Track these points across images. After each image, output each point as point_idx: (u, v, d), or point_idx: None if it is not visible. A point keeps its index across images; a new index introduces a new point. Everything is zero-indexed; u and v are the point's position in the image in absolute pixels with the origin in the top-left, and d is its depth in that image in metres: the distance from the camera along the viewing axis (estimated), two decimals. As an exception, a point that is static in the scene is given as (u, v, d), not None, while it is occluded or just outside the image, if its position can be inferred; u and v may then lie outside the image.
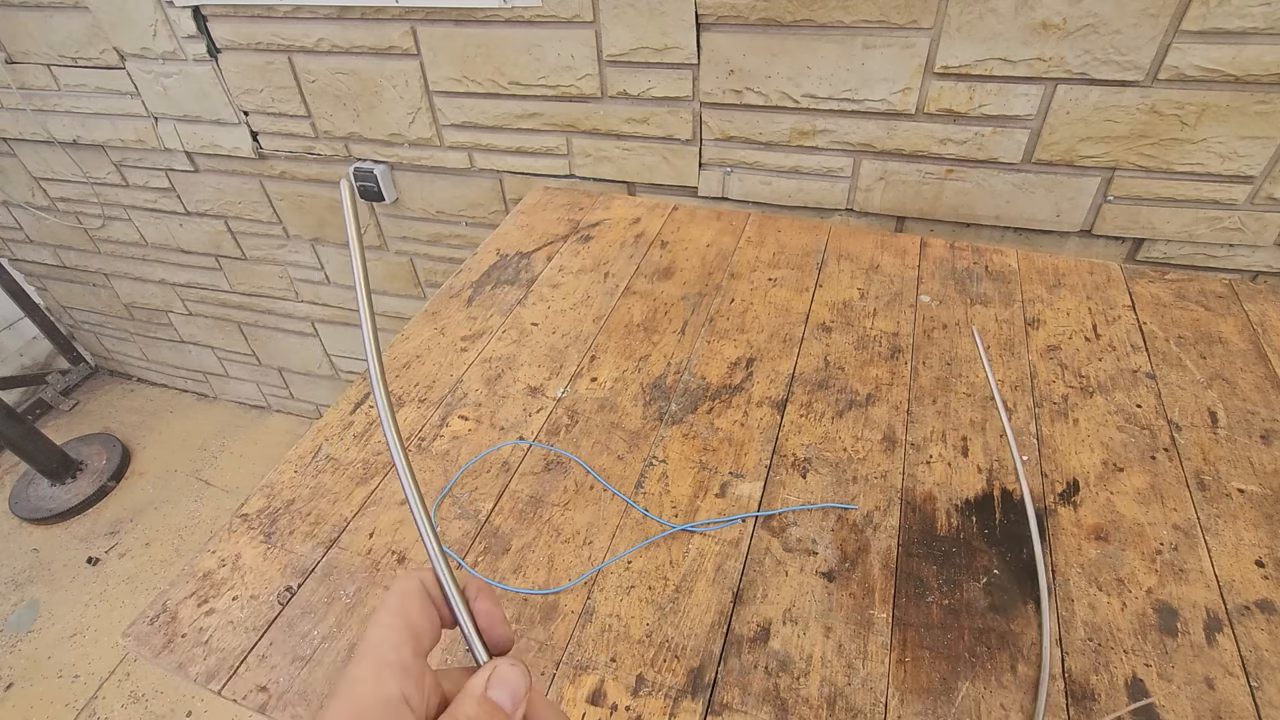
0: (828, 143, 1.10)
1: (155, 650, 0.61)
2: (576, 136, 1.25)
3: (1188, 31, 0.86)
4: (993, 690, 0.55)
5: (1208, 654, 0.56)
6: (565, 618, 0.62)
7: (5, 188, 1.98)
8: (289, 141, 1.49)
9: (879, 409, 0.79)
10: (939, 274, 0.98)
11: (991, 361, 0.83)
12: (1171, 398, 0.78)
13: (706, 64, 1.08)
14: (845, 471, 0.72)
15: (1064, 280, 0.96)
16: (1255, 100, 0.88)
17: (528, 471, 0.75)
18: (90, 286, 2.24)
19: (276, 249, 1.79)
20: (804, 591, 0.62)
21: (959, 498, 0.69)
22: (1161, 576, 0.62)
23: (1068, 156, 1.00)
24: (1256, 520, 0.66)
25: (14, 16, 1.47)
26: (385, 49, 1.25)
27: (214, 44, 1.37)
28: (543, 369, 0.87)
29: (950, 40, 0.95)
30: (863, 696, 0.55)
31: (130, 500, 2.17)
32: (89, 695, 1.67)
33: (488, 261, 1.07)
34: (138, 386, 2.60)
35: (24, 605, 1.89)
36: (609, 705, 0.56)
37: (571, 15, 1.09)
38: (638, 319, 0.94)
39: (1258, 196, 0.96)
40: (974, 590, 0.62)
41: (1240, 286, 0.93)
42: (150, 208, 1.83)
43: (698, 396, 0.82)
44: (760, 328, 0.91)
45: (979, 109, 0.99)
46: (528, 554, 0.67)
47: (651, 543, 0.67)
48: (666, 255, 1.06)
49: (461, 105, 1.28)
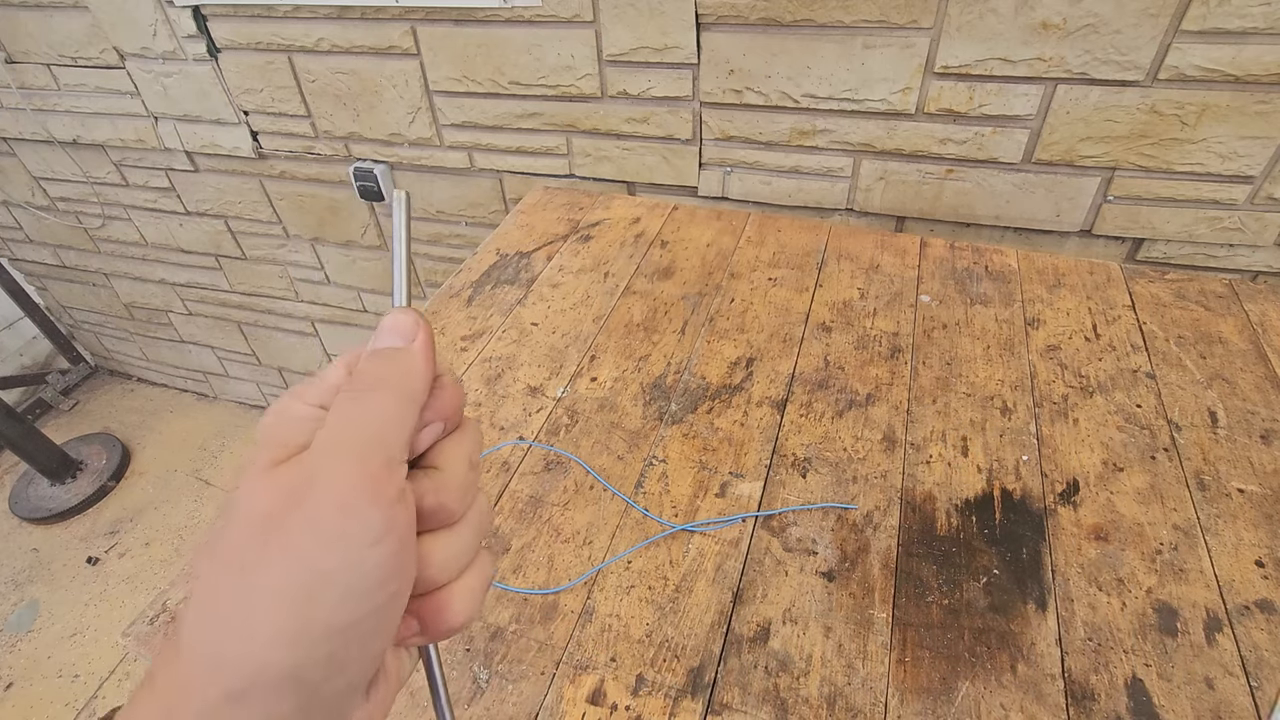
0: (828, 143, 1.10)
1: (155, 650, 0.61)
2: (576, 136, 1.25)
3: (1188, 31, 0.86)
4: (993, 690, 0.55)
5: (1208, 654, 0.56)
6: (565, 618, 0.62)
7: (5, 188, 1.98)
8: (289, 141, 1.49)
9: (879, 409, 0.79)
10: (939, 274, 0.98)
11: (991, 359, 0.83)
12: (1171, 398, 0.78)
13: (706, 64, 1.08)
14: (845, 471, 0.72)
15: (1064, 280, 0.96)
16: (1255, 100, 0.88)
17: (528, 471, 0.75)
18: (90, 286, 2.24)
19: (276, 249, 1.79)
20: (804, 591, 0.62)
21: (959, 498, 0.69)
22: (1161, 576, 0.62)
23: (1068, 156, 1.00)
24: (1256, 520, 0.66)
25: (14, 16, 1.47)
26: (385, 49, 1.25)
27: (214, 44, 1.36)
28: (543, 369, 0.87)
29: (950, 40, 0.95)
30: (863, 696, 0.55)
31: (130, 500, 2.17)
32: (89, 695, 1.67)
33: (488, 261, 1.07)
34: (138, 386, 2.60)
35: (24, 605, 1.89)
36: (609, 705, 0.56)
37: (571, 15, 1.09)
38: (638, 319, 0.94)
39: (1258, 196, 0.96)
40: (974, 590, 0.62)
41: (1240, 286, 0.93)
42: (150, 207, 1.83)
43: (698, 396, 0.82)
44: (760, 327, 0.91)
45: (979, 109, 0.99)
46: (528, 554, 0.67)
47: (651, 542, 0.67)
48: (666, 255, 1.06)
49: (461, 105, 1.28)
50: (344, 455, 0.21)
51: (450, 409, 0.25)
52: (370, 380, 0.23)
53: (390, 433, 0.22)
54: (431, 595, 0.24)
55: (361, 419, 0.22)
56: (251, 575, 0.19)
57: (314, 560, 0.19)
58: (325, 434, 0.22)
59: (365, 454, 0.21)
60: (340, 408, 0.22)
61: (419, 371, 0.24)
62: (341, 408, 0.22)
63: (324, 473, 0.20)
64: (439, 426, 0.25)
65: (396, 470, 0.22)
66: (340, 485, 0.20)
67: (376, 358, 0.24)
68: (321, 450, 0.21)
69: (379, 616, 0.21)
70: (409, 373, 0.23)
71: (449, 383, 0.25)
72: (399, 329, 0.24)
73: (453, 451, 0.25)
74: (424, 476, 0.24)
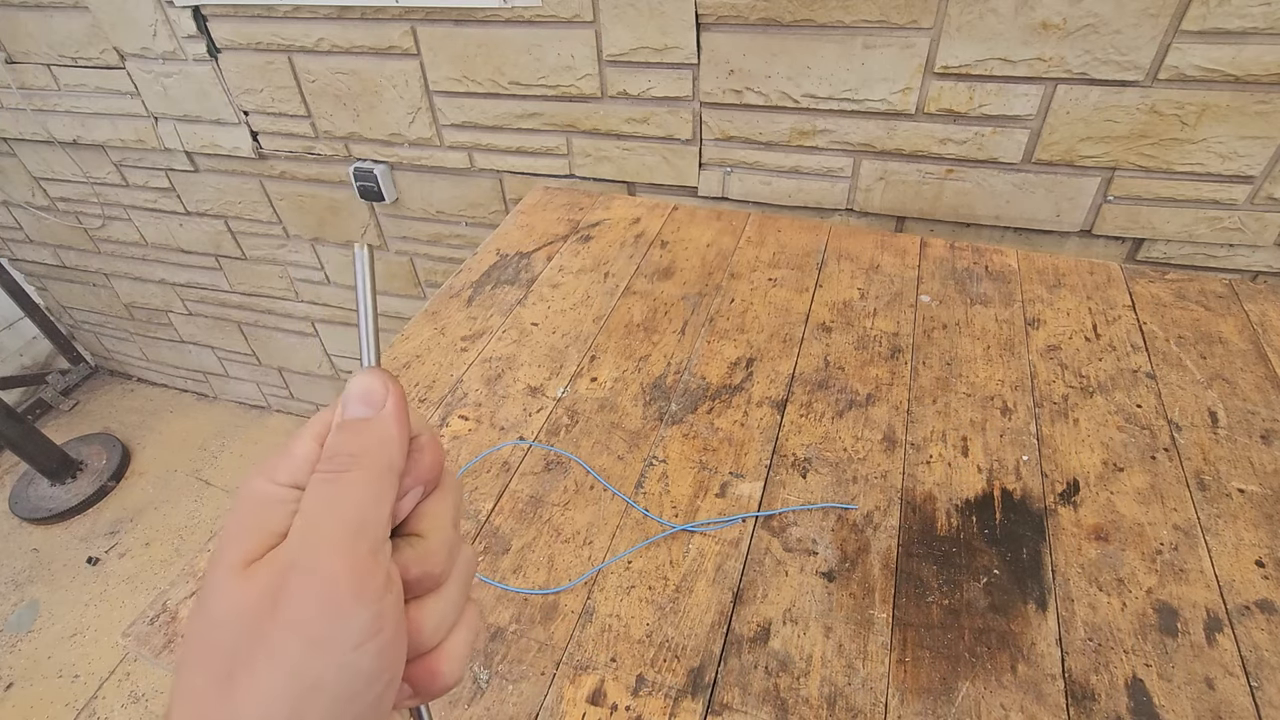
0: (828, 143, 1.10)
1: (155, 650, 0.61)
2: (576, 136, 1.25)
3: (1188, 31, 0.86)
4: (993, 690, 0.55)
5: (1208, 654, 0.56)
6: (565, 618, 0.62)
7: (5, 188, 1.98)
8: (289, 141, 1.49)
9: (879, 409, 0.79)
10: (939, 274, 0.98)
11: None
12: (1171, 398, 0.78)
13: (706, 64, 1.08)
14: (845, 471, 0.72)
15: (1064, 280, 0.96)
16: (1255, 100, 0.88)
17: (528, 471, 0.75)
18: (90, 286, 2.24)
19: (276, 249, 1.79)
20: (804, 591, 0.62)
21: (959, 498, 0.69)
22: (1161, 576, 0.62)
23: (1068, 156, 1.00)
24: (1256, 520, 0.66)
25: (14, 16, 1.47)
26: (385, 49, 1.25)
27: (214, 44, 1.36)
28: (543, 369, 0.87)
29: (950, 40, 0.95)
30: (863, 696, 0.55)
31: (130, 500, 2.17)
32: (89, 695, 1.67)
33: (488, 261, 1.07)
34: (138, 386, 2.60)
35: (24, 605, 1.89)
36: (609, 705, 0.56)
37: (571, 15, 1.09)
38: (638, 319, 0.94)
39: (1258, 196, 0.96)
40: (974, 590, 0.62)
41: (1240, 286, 0.93)
42: (150, 208, 1.83)
43: (698, 396, 0.82)
44: (760, 328, 0.91)
45: (979, 109, 0.99)
46: (528, 554, 0.67)
47: (651, 543, 0.67)
48: (666, 255, 1.06)
49: (461, 105, 1.28)
50: (324, 550, 0.20)
51: (430, 472, 0.24)
52: (343, 459, 0.22)
53: (370, 516, 0.21)
54: (422, 659, 0.23)
55: (339, 505, 0.21)
56: (236, 687, 0.19)
57: (301, 669, 0.19)
58: (301, 525, 0.20)
59: (346, 546, 0.20)
60: (315, 494, 0.21)
61: (394, 441, 0.23)
62: (316, 494, 0.21)
63: (304, 571, 0.19)
64: (419, 490, 0.24)
65: (380, 556, 0.21)
66: (323, 585, 0.19)
67: (348, 432, 0.23)
68: (299, 545, 0.20)
69: (372, 708, 0.20)
70: (384, 444, 0.22)
71: (426, 442, 0.24)
72: (368, 396, 0.23)
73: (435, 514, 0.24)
74: (407, 547, 0.23)
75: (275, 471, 0.22)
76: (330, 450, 0.22)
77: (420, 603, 0.23)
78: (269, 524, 0.21)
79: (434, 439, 0.25)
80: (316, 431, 0.23)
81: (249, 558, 0.20)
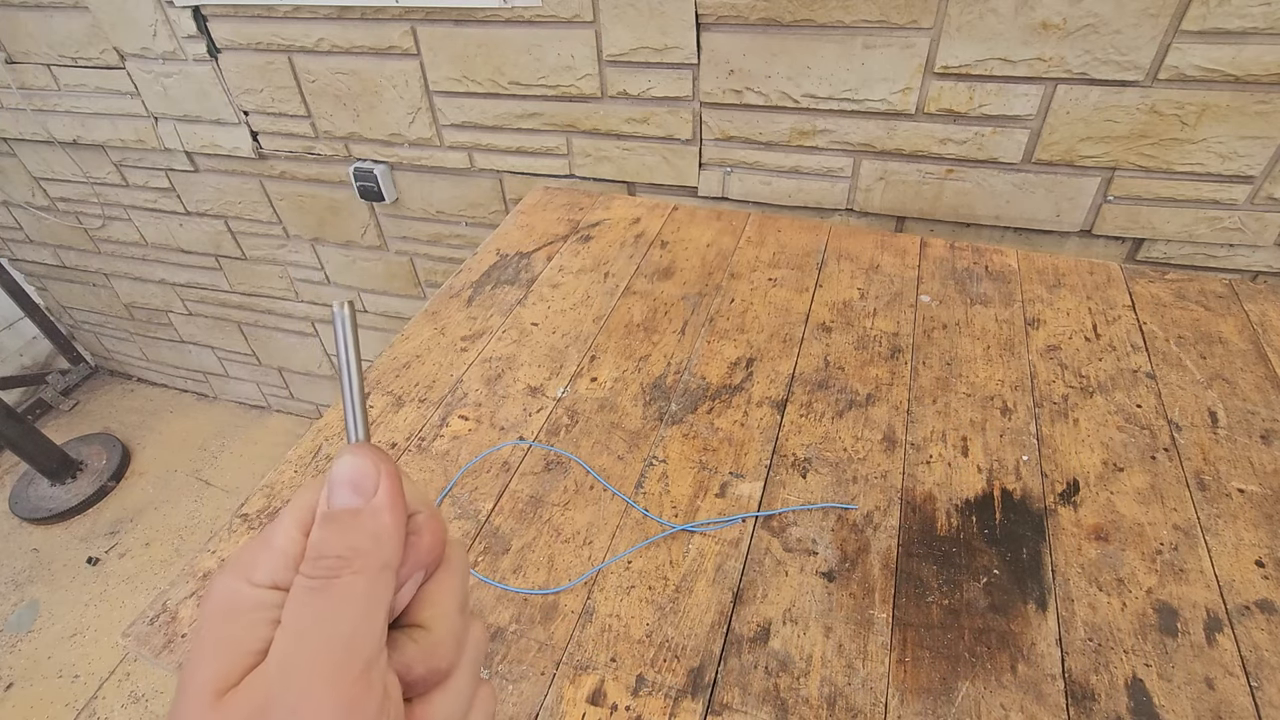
0: (828, 143, 1.10)
1: (155, 650, 0.61)
2: (576, 136, 1.25)
3: (1188, 31, 0.86)
4: (993, 690, 0.55)
5: (1208, 654, 0.56)
6: (565, 618, 0.62)
7: (5, 188, 1.98)
8: (289, 141, 1.49)
9: (879, 409, 0.79)
10: (939, 274, 0.98)
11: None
12: (1171, 398, 0.78)
13: (706, 64, 1.08)
14: (845, 471, 0.72)
15: (1064, 280, 0.96)
16: (1255, 100, 0.88)
17: (528, 471, 0.75)
18: (90, 286, 2.24)
19: (276, 249, 1.79)
20: (804, 591, 0.62)
21: (959, 498, 0.69)
22: (1161, 576, 0.62)
23: (1068, 156, 1.00)
24: (1256, 520, 0.66)
25: (14, 16, 1.47)
26: (385, 49, 1.25)
27: (214, 44, 1.36)
28: (543, 369, 0.87)
29: (950, 40, 0.95)
30: (863, 696, 0.55)
31: (130, 500, 2.17)
32: (89, 695, 1.67)
33: (488, 261, 1.07)
34: (138, 386, 2.60)
35: (24, 605, 1.89)
36: (609, 705, 0.56)
37: (571, 15, 1.09)
38: (638, 319, 0.94)
39: (1258, 196, 0.96)
40: (974, 590, 0.62)
41: (1240, 286, 0.93)
42: (150, 208, 1.83)
43: (698, 396, 0.82)
44: (760, 328, 0.91)
45: (979, 109, 0.99)
46: (528, 554, 0.67)
47: (651, 543, 0.67)
48: (666, 255, 1.06)
49: (461, 105, 1.28)
50: (309, 680, 0.17)
51: (430, 554, 0.21)
52: (331, 563, 0.19)
53: (363, 629, 0.18)
54: None
55: (326, 622, 0.18)
56: None
57: None
58: (283, 648, 0.18)
59: (334, 673, 0.17)
60: (299, 607, 0.18)
61: (388, 535, 0.20)
62: (300, 607, 0.18)
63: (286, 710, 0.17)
64: (420, 575, 0.21)
65: (375, 673, 0.18)
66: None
67: (336, 527, 0.20)
68: (280, 675, 0.18)
69: None
70: (377, 540, 0.20)
71: (424, 522, 0.21)
72: (358, 481, 0.20)
73: (438, 600, 0.21)
74: (409, 642, 0.20)
75: (253, 569, 0.20)
76: (316, 550, 0.19)
77: (427, 701, 0.20)
78: (245, 641, 0.18)
79: (433, 516, 0.22)
80: (299, 519, 0.21)
81: (223, 684, 0.18)
